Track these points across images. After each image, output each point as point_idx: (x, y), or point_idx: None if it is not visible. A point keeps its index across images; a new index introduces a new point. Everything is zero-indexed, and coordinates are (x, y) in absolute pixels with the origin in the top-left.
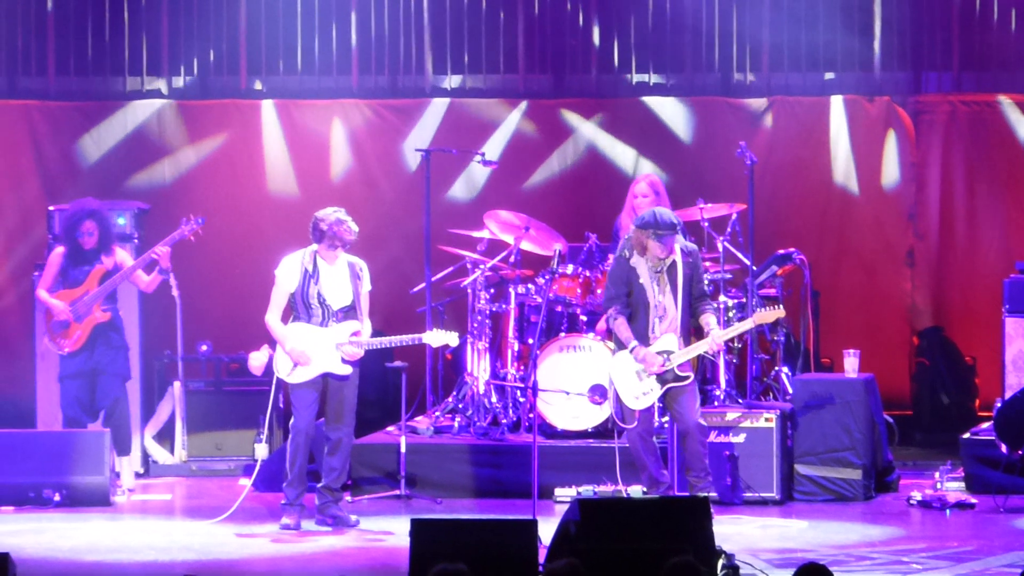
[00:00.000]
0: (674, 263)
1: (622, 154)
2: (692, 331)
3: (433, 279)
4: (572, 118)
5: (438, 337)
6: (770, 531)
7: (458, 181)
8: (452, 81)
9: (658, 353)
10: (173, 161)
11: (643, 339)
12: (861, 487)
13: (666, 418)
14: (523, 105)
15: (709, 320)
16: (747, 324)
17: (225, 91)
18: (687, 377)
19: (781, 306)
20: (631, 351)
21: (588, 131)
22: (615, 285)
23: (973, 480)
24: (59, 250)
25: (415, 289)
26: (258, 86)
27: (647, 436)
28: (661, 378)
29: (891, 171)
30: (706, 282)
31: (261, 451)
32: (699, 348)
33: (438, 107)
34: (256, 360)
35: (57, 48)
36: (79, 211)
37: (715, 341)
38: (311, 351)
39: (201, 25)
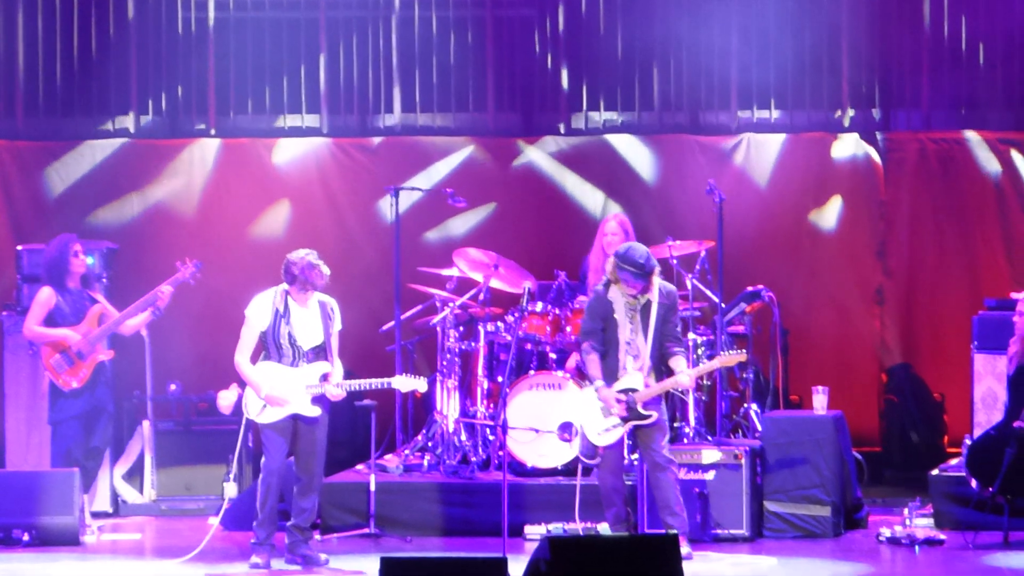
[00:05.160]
0: (649, 303)
1: (591, 192)
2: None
3: (402, 317)
4: (541, 156)
5: (407, 383)
6: (740, 568)
7: (427, 218)
8: (421, 119)
9: (620, 391)
10: (142, 201)
11: (614, 377)
12: (830, 524)
13: (635, 455)
14: (492, 143)
15: (679, 362)
16: (713, 364)
17: (194, 131)
18: (650, 415)
19: (744, 351)
20: (595, 389)
21: (557, 169)
22: (592, 319)
23: (942, 517)
24: (48, 290)
25: (384, 327)
26: (227, 126)
27: (617, 472)
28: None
29: (860, 208)
30: (680, 325)
31: (230, 490)
32: (663, 387)
33: (407, 145)
34: (225, 399)
35: (26, 88)
36: (66, 236)
37: (679, 382)
38: (283, 392)
39: (170, 65)
